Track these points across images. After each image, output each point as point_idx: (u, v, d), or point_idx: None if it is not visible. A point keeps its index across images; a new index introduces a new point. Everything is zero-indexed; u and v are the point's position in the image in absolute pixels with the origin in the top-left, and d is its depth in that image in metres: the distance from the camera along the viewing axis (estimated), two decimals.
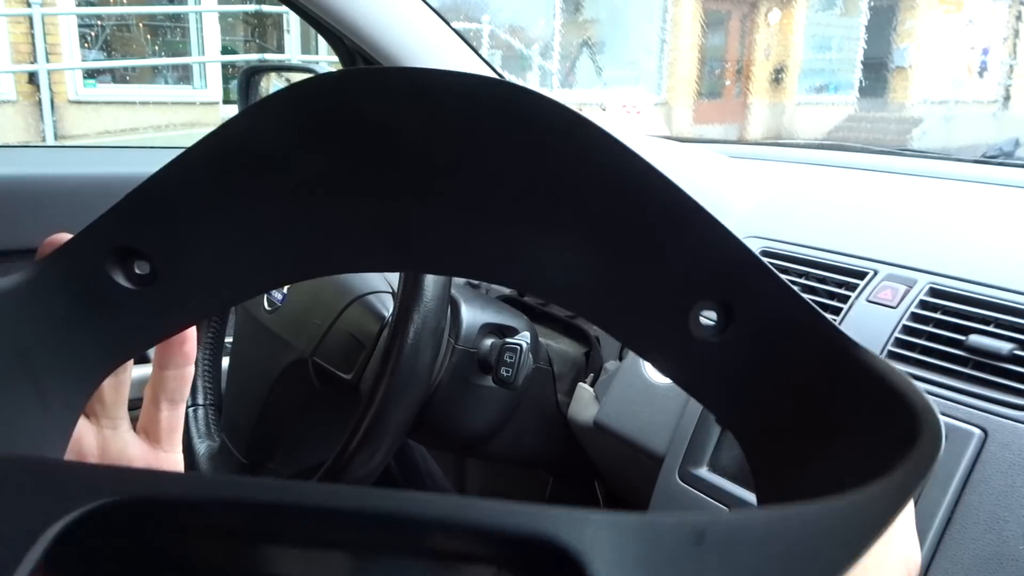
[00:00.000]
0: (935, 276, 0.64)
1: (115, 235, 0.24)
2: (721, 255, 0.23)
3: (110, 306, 0.25)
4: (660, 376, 0.75)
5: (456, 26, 1.08)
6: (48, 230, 0.26)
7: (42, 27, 5.30)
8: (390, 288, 0.76)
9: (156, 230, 0.24)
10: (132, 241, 0.24)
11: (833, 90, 8.06)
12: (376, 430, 0.63)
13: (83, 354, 0.25)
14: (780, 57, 7.77)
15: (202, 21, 6.01)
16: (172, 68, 6.14)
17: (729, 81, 8.22)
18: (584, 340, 0.88)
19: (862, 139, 6.44)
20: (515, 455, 0.85)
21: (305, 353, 0.75)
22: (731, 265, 0.23)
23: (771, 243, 0.75)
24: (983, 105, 6.93)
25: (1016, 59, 6.59)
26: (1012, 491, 0.52)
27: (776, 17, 7.94)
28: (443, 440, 0.83)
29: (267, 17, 6.29)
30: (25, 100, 5.31)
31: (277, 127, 0.22)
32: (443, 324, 0.68)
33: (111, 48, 5.98)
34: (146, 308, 0.25)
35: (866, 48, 7.31)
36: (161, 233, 0.24)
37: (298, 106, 0.22)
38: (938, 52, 7.15)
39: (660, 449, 0.70)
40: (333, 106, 0.22)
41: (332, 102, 0.21)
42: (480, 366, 0.75)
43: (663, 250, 0.23)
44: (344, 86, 0.21)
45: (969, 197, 0.83)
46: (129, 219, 0.24)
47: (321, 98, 0.22)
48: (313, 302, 0.77)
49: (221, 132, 0.22)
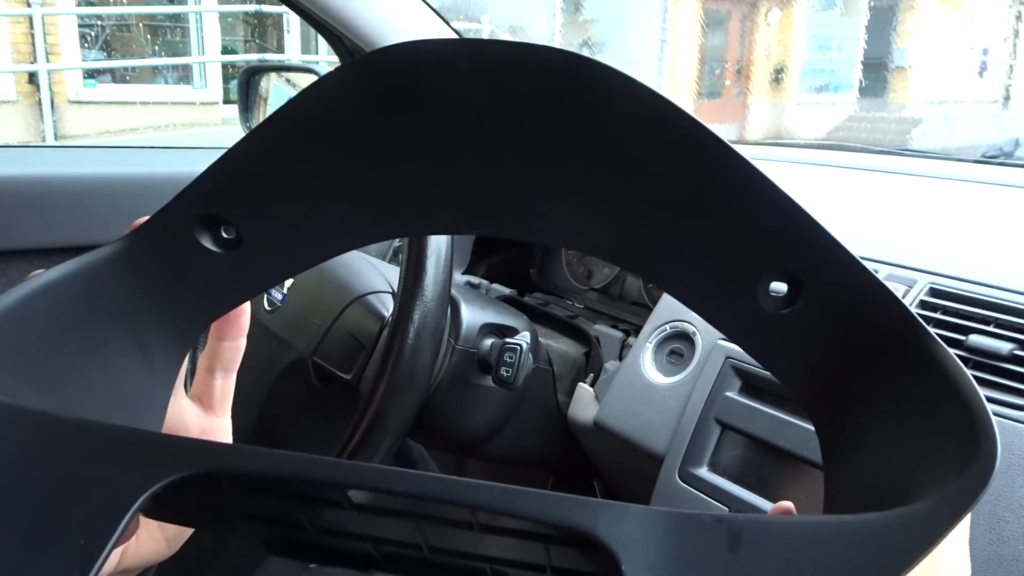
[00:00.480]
0: (935, 276, 0.64)
1: (201, 205, 0.25)
2: (790, 228, 0.23)
3: (201, 269, 0.26)
4: (660, 376, 0.75)
5: (456, 26, 1.08)
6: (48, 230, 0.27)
7: (42, 27, 5.30)
8: (390, 288, 0.76)
9: (238, 199, 0.25)
10: (217, 209, 0.26)
11: (833, 90, 8.06)
12: (376, 430, 0.63)
13: (178, 313, 0.27)
14: (780, 57, 7.77)
15: (202, 21, 6.01)
16: (172, 68, 6.14)
17: (729, 81, 8.22)
18: (584, 340, 0.88)
19: (862, 139, 6.44)
20: (515, 455, 0.85)
21: (305, 353, 0.75)
22: (800, 239, 0.23)
23: None
24: (983, 105, 6.93)
25: (1016, 59, 6.59)
26: (1012, 491, 0.52)
27: (776, 17, 7.94)
28: (443, 440, 0.83)
29: (267, 17, 6.29)
30: (25, 100, 5.31)
31: (348, 98, 0.23)
32: (443, 324, 0.68)
33: (111, 48, 5.98)
34: (233, 269, 0.27)
35: (866, 48, 7.30)
36: (243, 201, 0.25)
37: (367, 78, 0.22)
38: (938, 52, 7.14)
39: (660, 449, 0.70)
40: (400, 77, 0.22)
41: (399, 74, 0.22)
42: (480, 366, 0.75)
43: (731, 222, 0.23)
44: (411, 58, 0.22)
45: (969, 197, 0.83)
46: (213, 190, 0.25)
47: (389, 70, 0.22)
48: (313, 302, 0.77)
49: (295, 104, 0.23)
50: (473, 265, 1.07)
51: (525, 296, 1.00)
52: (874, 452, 0.23)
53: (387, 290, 0.75)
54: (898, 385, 0.23)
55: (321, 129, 0.24)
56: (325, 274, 0.79)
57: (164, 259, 0.26)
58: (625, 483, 0.88)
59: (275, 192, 0.25)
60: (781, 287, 0.24)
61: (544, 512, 0.18)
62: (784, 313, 0.24)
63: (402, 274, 0.64)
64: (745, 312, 0.25)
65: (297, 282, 0.81)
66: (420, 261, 0.63)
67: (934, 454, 0.20)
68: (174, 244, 0.26)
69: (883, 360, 0.23)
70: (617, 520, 0.18)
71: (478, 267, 1.08)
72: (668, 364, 0.75)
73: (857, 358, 0.24)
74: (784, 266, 0.24)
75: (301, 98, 0.23)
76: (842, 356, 0.24)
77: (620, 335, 0.86)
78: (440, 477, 0.18)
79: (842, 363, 0.24)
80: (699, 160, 0.22)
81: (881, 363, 0.23)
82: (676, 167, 0.23)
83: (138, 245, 0.26)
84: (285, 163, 0.25)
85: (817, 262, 0.23)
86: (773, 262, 0.24)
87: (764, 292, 0.24)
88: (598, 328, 0.88)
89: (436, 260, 0.64)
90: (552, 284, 1.08)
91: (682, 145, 0.22)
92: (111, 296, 0.25)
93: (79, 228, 0.86)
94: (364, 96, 0.23)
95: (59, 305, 0.24)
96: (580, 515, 0.18)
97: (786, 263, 0.24)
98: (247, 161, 0.25)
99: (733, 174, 0.22)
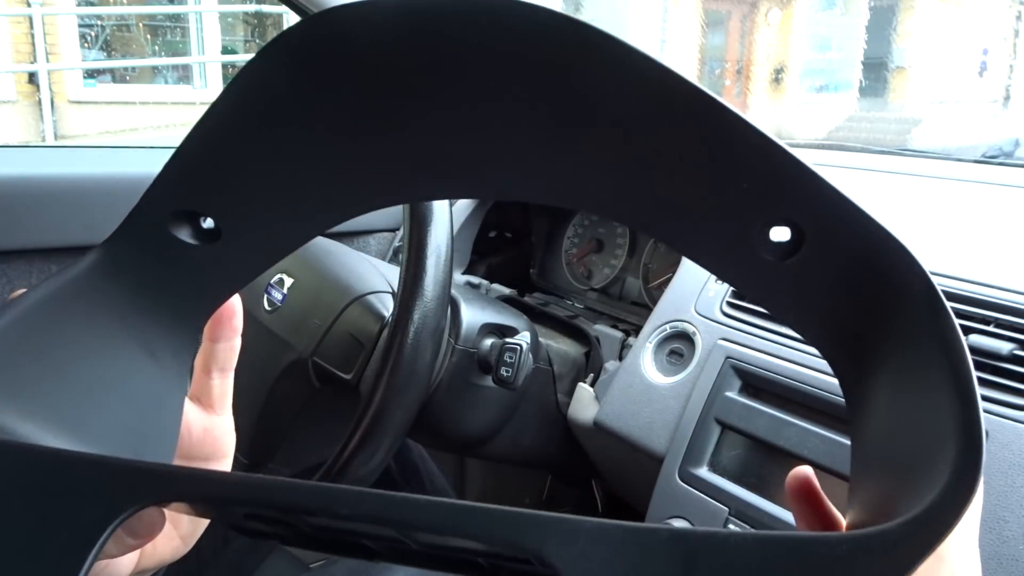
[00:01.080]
0: (935, 276, 0.64)
1: (171, 200, 0.25)
2: (788, 176, 0.22)
3: (186, 263, 0.26)
4: (660, 376, 0.75)
5: None
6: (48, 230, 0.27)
7: (42, 27, 5.30)
8: (390, 288, 0.76)
9: (205, 189, 0.25)
10: (188, 203, 0.25)
11: (833, 90, 8.06)
12: (376, 430, 0.63)
13: (177, 309, 0.27)
14: (780, 57, 7.77)
15: (202, 21, 6.01)
16: (172, 68, 6.13)
17: (729, 81, 8.22)
18: (584, 340, 0.88)
19: (862, 139, 6.42)
20: (515, 455, 0.85)
21: (305, 353, 0.75)
22: (799, 186, 0.22)
23: None
24: (983, 105, 6.92)
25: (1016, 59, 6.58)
26: (1012, 491, 0.52)
27: (776, 17, 7.94)
28: (443, 440, 0.83)
29: (267, 17, 6.28)
30: (25, 100, 5.31)
31: (283, 77, 0.22)
32: (443, 324, 0.68)
33: (111, 48, 5.98)
34: (219, 259, 0.27)
35: (866, 48, 7.30)
36: (210, 191, 0.25)
37: (294, 51, 0.21)
38: (938, 52, 7.14)
39: (660, 449, 0.70)
40: (328, 47, 0.21)
41: (326, 44, 0.21)
42: (480, 366, 0.75)
43: (727, 172, 0.22)
44: (335, 27, 0.21)
45: (969, 197, 0.83)
46: (178, 183, 0.25)
47: (315, 41, 0.21)
48: (313, 302, 0.77)
49: (233, 89, 0.22)
50: (473, 265, 1.07)
51: (525, 296, 1.00)
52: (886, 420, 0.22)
53: (387, 290, 0.75)
54: (909, 355, 0.22)
55: (266, 110, 0.23)
56: (325, 274, 0.79)
57: (147, 259, 0.26)
58: (625, 483, 0.88)
59: (240, 178, 0.25)
60: (783, 236, 0.23)
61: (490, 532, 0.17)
62: (789, 263, 0.23)
63: (402, 274, 0.64)
64: (748, 263, 0.24)
65: (297, 282, 0.81)
66: (420, 261, 0.63)
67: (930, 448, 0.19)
68: (153, 243, 0.26)
69: (898, 322, 0.22)
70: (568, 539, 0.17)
71: (478, 267, 1.08)
72: (668, 364, 0.75)
73: (871, 314, 0.23)
74: (784, 214, 0.23)
75: (237, 81, 0.22)
76: (855, 309, 0.23)
77: (620, 335, 0.86)
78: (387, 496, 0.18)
79: (856, 317, 0.23)
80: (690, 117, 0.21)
81: (896, 324, 0.22)
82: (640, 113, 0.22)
83: (118, 249, 0.26)
84: (240, 147, 0.24)
85: (818, 210, 0.22)
86: (772, 210, 0.23)
87: (765, 241, 0.23)
88: (598, 328, 0.88)
89: (436, 260, 0.64)
90: (552, 284, 1.08)
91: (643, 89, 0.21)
92: (104, 303, 0.25)
93: (79, 228, 0.86)
94: (298, 73, 0.22)
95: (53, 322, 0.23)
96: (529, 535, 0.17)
97: (786, 211, 0.23)
98: (203, 151, 0.24)
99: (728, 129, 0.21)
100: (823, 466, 0.60)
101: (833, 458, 0.60)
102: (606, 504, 1.06)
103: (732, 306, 0.74)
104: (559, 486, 1.13)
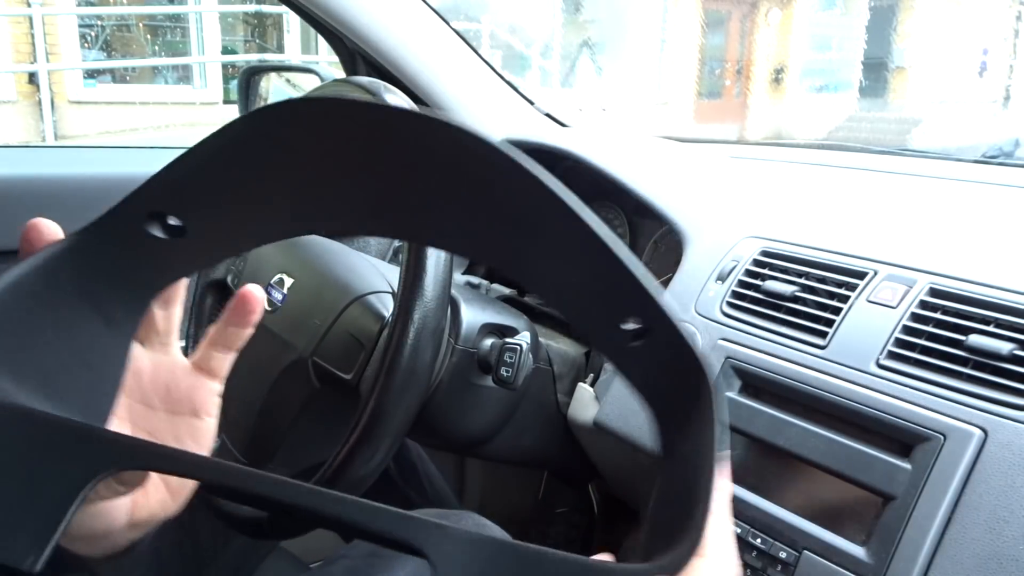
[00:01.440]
0: (935, 276, 0.64)
1: (148, 204, 0.30)
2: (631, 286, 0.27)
3: (150, 251, 0.31)
4: None
5: (456, 26, 1.08)
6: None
7: (42, 27, 5.30)
8: (390, 288, 0.75)
9: (182, 201, 0.30)
10: (163, 208, 0.30)
11: (833, 90, 8.06)
12: (376, 430, 0.63)
13: (133, 283, 0.32)
14: (780, 57, 7.77)
15: (202, 21, 6.01)
16: (172, 68, 6.14)
17: (729, 81, 8.22)
18: (584, 340, 0.88)
19: (862, 139, 6.43)
20: (515, 455, 0.85)
21: (305, 353, 0.75)
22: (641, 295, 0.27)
23: (771, 243, 0.75)
24: (983, 105, 6.92)
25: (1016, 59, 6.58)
26: (1012, 491, 0.52)
27: (776, 17, 7.94)
28: (443, 440, 0.83)
29: (267, 17, 6.29)
30: (25, 100, 5.32)
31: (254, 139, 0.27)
32: (443, 324, 0.68)
33: (111, 48, 5.98)
34: (180, 252, 0.31)
35: (866, 48, 7.30)
36: (187, 202, 0.30)
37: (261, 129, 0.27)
38: (938, 52, 7.14)
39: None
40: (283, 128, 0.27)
41: (282, 126, 0.27)
42: (480, 366, 0.75)
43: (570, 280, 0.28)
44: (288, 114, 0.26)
45: (969, 197, 0.83)
46: (159, 192, 0.29)
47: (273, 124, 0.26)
48: (313, 302, 0.77)
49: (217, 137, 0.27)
50: (473, 265, 1.07)
51: (525, 296, 1.00)
52: (673, 474, 0.30)
53: (387, 290, 0.75)
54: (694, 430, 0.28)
55: (242, 157, 0.28)
56: (325, 274, 0.79)
57: (117, 245, 0.30)
58: (625, 483, 0.88)
59: (214, 197, 0.30)
60: (632, 325, 0.29)
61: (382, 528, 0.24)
62: (635, 345, 0.29)
63: (402, 274, 0.64)
64: (610, 341, 0.30)
65: (297, 282, 0.81)
66: (420, 261, 0.63)
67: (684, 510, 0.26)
68: (126, 234, 0.30)
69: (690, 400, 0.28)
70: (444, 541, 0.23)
71: (478, 267, 1.08)
72: None
73: (678, 390, 0.29)
74: (630, 316, 0.29)
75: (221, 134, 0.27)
76: (672, 382, 0.30)
77: None
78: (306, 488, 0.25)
79: (671, 388, 0.30)
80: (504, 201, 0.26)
81: (689, 401, 0.29)
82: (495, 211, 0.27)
83: (93, 235, 0.30)
84: (220, 174, 0.29)
85: (654, 313, 0.28)
86: (625, 312, 0.29)
87: (620, 327, 0.29)
88: None
89: (436, 260, 0.64)
90: None
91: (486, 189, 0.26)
92: (73, 276, 0.30)
93: (79, 228, 0.86)
94: (264, 139, 0.27)
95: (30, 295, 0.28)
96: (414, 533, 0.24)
97: (631, 315, 0.29)
98: (185, 172, 0.29)
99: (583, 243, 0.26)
100: (823, 466, 0.60)
101: (833, 458, 0.60)
102: (604, 505, 1.06)
103: (732, 306, 0.73)
104: (555, 488, 1.13)
